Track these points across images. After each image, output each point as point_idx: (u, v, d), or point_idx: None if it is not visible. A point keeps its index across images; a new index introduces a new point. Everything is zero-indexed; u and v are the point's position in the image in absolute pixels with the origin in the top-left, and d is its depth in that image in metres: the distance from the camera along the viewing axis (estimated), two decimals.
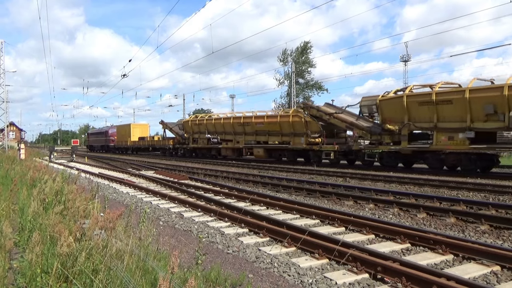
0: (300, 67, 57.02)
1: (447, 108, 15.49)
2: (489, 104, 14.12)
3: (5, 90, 37.11)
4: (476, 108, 14.60)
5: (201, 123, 31.88)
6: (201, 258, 3.73)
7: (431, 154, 16.71)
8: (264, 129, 25.59)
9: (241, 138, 27.62)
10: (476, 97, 14.56)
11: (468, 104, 14.77)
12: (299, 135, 23.04)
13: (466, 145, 15.00)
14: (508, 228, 6.83)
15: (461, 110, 15.08)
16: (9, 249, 3.63)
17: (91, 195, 6.89)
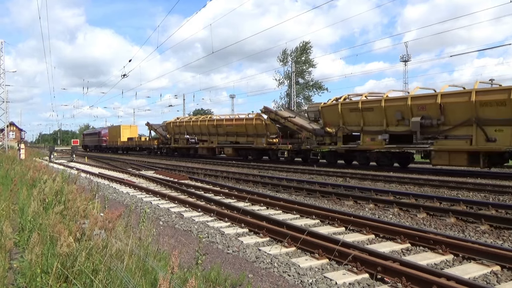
0: (300, 67, 57.03)
1: (370, 114, 18.59)
2: (398, 111, 17.19)
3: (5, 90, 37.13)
4: (390, 115, 17.62)
5: (181, 125, 35.30)
6: (201, 258, 3.73)
7: (359, 153, 19.97)
8: (233, 130, 28.87)
9: (215, 139, 31.00)
10: (390, 106, 17.64)
11: (384, 112, 17.83)
12: (261, 136, 26.29)
13: (383, 145, 18.09)
14: (508, 228, 6.83)
15: (380, 116, 18.09)
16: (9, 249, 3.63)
17: (91, 195, 6.89)
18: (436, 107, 15.80)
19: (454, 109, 15.37)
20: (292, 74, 48.42)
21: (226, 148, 29.93)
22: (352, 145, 19.84)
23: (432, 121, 15.99)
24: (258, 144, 26.58)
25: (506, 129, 13.95)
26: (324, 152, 22.26)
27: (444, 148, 15.90)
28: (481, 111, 14.54)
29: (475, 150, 14.96)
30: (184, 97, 62.77)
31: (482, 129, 14.63)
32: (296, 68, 53.73)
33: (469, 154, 15.22)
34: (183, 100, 62.34)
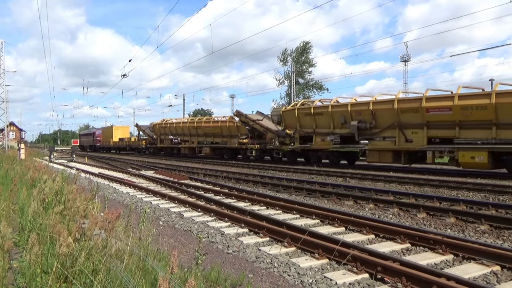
0: (300, 67, 57.02)
1: (321, 118, 21.27)
2: (342, 116, 19.93)
3: (5, 90, 37.17)
4: (336, 119, 20.34)
5: (166, 126, 38.29)
6: (201, 258, 3.73)
7: (312, 152, 22.55)
8: (211, 132, 31.87)
9: (195, 139, 34.17)
10: (335, 111, 20.40)
11: (331, 116, 20.56)
12: (234, 137, 29.16)
13: (330, 145, 20.72)
14: (508, 228, 6.83)
15: (328, 120, 20.81)
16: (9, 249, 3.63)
17: (91, 195, 6.89)
18: (369, 113, 18.62)
19: (382, 115, 18.23)
20: (292, 74, 48.41)
21: (204, 147, 32.81)
22: (306, 145, 22.48)
23: (366, 125, 18.74)
24: (231, 144, 29.38)
25: (420, 132, 16.84)
26: (285, 151, 24.80)
27: (375, 148, 18.66)
28: (402, 117, 17.41)
29: (397, 149, 17.77)
30: (184, 97, 62.88)
31: (402, 132, 17.53)
32: (296, 68, 53.72)
33: (393, 153, 17.90)
34: (183, 100, 62.41)
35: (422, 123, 16.65)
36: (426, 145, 16.63)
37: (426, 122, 16.53)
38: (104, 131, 57.71)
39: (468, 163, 15.31)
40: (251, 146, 27.45)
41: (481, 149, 14.86)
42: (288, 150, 24.14)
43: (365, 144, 19.04)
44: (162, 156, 38.52)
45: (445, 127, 16.04)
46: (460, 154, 15.40)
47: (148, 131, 43.65)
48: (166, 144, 38.77)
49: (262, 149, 26.89)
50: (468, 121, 15.28)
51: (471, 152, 15.10)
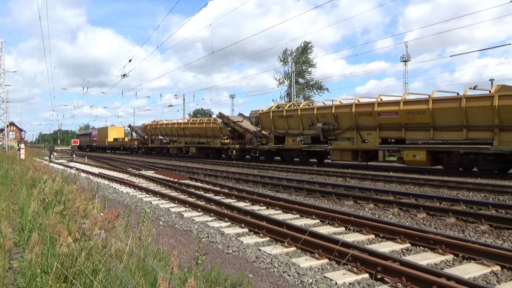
0: (300, 67, 57.01)
1: (292, 120, 23.21)
2: (309, 118, 21.87)
3: (5, 90, 37.13)
4: (305, 121, 22.26)
5: (156, 127, 40.55)
6: (201, 258, 3.73)
7: (285, 151, 24.70)
8: (197, 132, 33.94)
9: (183, 139, 36.31)
10: (304, 114, 22.47)
11: (300, 119, 22.50)
12: (217, 137, 31.15)
13: (300, 145, 22.65)
14: (508, 228, 6.83)
15: (298, 122, 22.76)
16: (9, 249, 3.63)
17: (91, 195, 6.89)
18: (332, 116, 20.66)
19: (343, 118, 20.26)
20: (292, 74, 48.41)
21: (191, 147, 34.90)
22: (280, 145, 24.48)
23: (330, 127, 20.75)
24: (214, 144, 31.51)
25: (374, 133, 18.85)
26: (261, 151, 26.71)
27: (338, 147, 20.70)
28: (359, 120, 19.45)
29: (355, 148, 19.81)
30: (184, 97, 62.87)
31: (359, 133, 19.55)
32: (296, 68, 53.72)
33: (352, 152, 20.00)
34: (183, 100, 62.40)
35: (375, 125, 18.71)
36: (378, 145, 18.71)
37: (378, 125, 18.59)
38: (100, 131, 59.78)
39: (411, 161, 17.22)
40: (232, 146, 29.43)
41: (421, 148, 16.98)
42: (264, 149, 26.16)
43: (329, 144, 21.05)
44: (162, 156, 38.57)
45: (394, 128, 18.13)
46: (404, 153, 17.41)
47: (140, 132, 45.65)
48: (156, 144, 41.15)
49: (242, 148, 28.88)
50: (412, 124, 17.33)
51: (413, 151, 17.13)
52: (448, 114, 15.93)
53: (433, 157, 16.74)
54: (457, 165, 16.42)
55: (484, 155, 15.24)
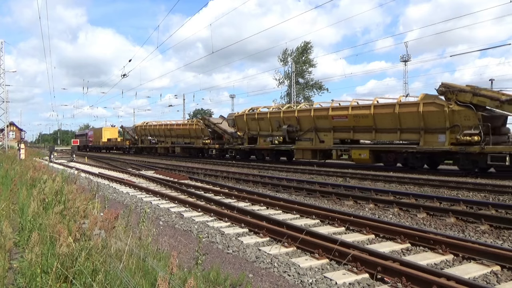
0: (301, 67, 57.01)
1: (263, 122, 25.49)
2: (277, 121, 24.20)
3: (5, 90, 37.12)
4: (273, 123, 24.64)
5: (145, 128, 43.22)
6: (201, 258, 3.73)
7: (257, 151, 27.22)
8: (181, 133, 36.55)
9: (169, 140, 38.95)
10: (272, 117, 24.70)
11: (269, 121, 24.83)
12: (199, 138, 33.77)
13: (269, 145, 24.97)
14: (508, 228, 6.83)
15: (268, 125, 25.05)
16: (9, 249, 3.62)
17: (91, 195, 6.89)
18: (295, 119, 23.00)
19: (304, 121, 22.63)
20: (292, 74, 48.41)
21: (176, 147, 37.35)
22: (252, 145, 26.81)
23: (293, 128, 23.03)
24: (197, 144, 34.03)
25: (329, 135, 21.26)
26: (237, 150, 28.79)
27: (300, 147, 22.91)
28: (317, 123, 21.83)
29: (314, 148, 22.16)
30: (184, 97, 62.82)
31: (317, 135, 21.90)
32: (296, 68, 53.72)
33: (311, 151, 22.33)
34: (183, 100, 62.35)
35: (330, 128, 21.11)
36: (332, 145, 21.07)
37: (332, 127, 20.99)
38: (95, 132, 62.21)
39: (358, 158, 19.54)
40: (212, 146, 31.71)
41: (365, 148, 19.47)
42: (239, 149, 28.38)
43: (293, 144, 23.36)
44: (161, 156, 38.69)
45: (345, 130, 20.50)
46: (352, 152, 19.79)
47: (131, 133, 47.88)
48: (146, 144, 43.83)
49: (221, 148, 31.06)
50: (359, 126, 19.75)
51: (359, 150, 19.53)
52: (386, 119, 18.39)
53: (375, 155, 19.12)
54: (393, 162, 18.79)
55: (414, 153, 17.59)
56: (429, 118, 16.77)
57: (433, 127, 16.72)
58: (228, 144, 29.67)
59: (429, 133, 16.90)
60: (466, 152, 15.56)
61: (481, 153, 15.07)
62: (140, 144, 45.09)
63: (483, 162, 15.21)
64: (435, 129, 16.67)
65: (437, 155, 17.38)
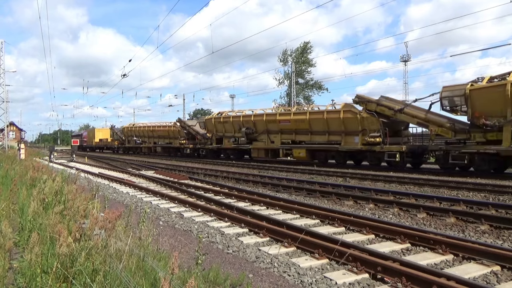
0: (300, 67, 57.01)
1: (227, 125, 28.97)
2: (238, 124, 27.70)
3: (5, 90, 37.13)
4: (235, 126, 28.07)
5: (132, 129, 46.96)
6: (201, 258, 3.73)
7: (223, 150, 30.67)
8: (162, 134, 40.45)
9: (152, 140, 42.93)
10: (234, 120, 28.37)
11: (232, 124, 28.38)
12: (176, 138, 37.27)
13: (232, 145, 28.64)
14: (508, 228, 6.83)
15: (231, 127, 28.61)
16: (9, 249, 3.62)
17: (91, 195, 6.88)
18: (252, 123, 26.65)
19: (258, 124, 26.18)
20: (292, 74, 48.40)
21: (157, 147, 41.48)
22: (219, 145, 30.26)
23: (251, 131, 26.40)
24: (174, 144, 37.72)
25: (277, 136, 24.93)
26: (207, 149, 32.27)
27: (255, 147, 26.45)
28: (268, 126, 25.36)
29: (266, 148, 25.75)
30: (184, 97, 62.84)
31: (269, 136, 25.58)
32: (296, 68, 53.71)
33: (265, 150, 25.88)
34: (183, 100, 62.35)
35: (278, 130, 24.74)
36: (280, 145, 24.67)
37: (280, 130, 24.60)
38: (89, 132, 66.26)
39: (298, 156, 23.19)
40: (187, 145, 35.21)
41: (302, 148, 23.04)
42: (209, 148, 31.93)
43: (250, 144, 26.78)
44: (162, 156, 38.78)
45: (289, 133, 24.09)
46: (293, 151, 23.45)
47: (119, 133, 51.03)
48: (132, 144, 47.54)
49: (194, 148, 34.44)
50: (299, 130, 23.30)
51: (298, 149, 23.17)
52: (318, 123, 22.04)
53: (311, 153, 22.82)
54: (324, 159, 22.34)
55: (337, 152, 21.30)
56: (348, 123, 20.49)
57: (350, 130, 20.42)
58: (200, 144, 33.32)
59: (348, 135, 20.62)
60: (372, 151, 19.29)
61: (381, 151, 18.70)
62: (127, 144, 48.63)
63: (383, 158, 18.92)
64: (352, 132, 20.36)
65: (354, 153, 21.01)
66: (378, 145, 18.84)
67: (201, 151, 33.46)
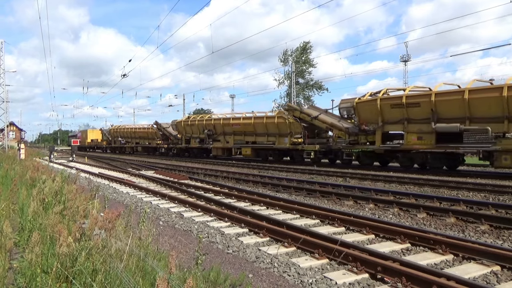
0: (300, 67, 56.99)
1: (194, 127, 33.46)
2: (202, 127, 32.22)
3: (5, 90, 37.14)
4: (200, 128, 32.45)
5: (117, 131, 52.01)
6: (201, 258, 3.73)
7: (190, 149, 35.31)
8: (142, 135, 45.98)
9: (134, 141, 48.13)
10: (199, 124, 32.70)
11: (197, 127, 32.91)
12: (153, 139, 42.88)
13: (197, 145, 33.33)
14: (508, 228, 6.83)
15: (196, 129, 33.20)
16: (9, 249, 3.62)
17: (91, 195, 6.88)
18: (212, 125, 31.12)
19: (217, 127, 30.60)
20: (292, 74, 48.41)
21: (138, 147, 46.89)
22: (187, 145, 34.88)
23: (212, 132, 30.98)
24: (152, 144, 43.23)
25: (232, 137, 29.29)
26: (177, 149, 37.17)
27: (215, 146, 31.07)
28: (225, 128, 29.87)
29: (223, 147, 30.45)
30: (184, 97, 62.88)
31: (225, 137, 30.12)
32: (296, 68, 53.71)
33: (222, 149, 30.51)
34: (183, 100, 62.37)
35: (232, 132, 29.25)
36: (233, 145, 29.23)
37: (233, 132, 29.15)
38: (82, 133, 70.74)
39: (245, 154, 28.10)
40: (162, 145, 40.29)
41: (249, 147, 27.67)
42: (178, 147, 36.64)
43: (210, 144, 31.39)
44: (162, 156, 38.91)
45: (239, 134, 28.63)
46: (242, 149, 28.32)
47: (107, 134, 55.60)
48: (117, 145, 52.10)
49: (168, 147, 39.33)
50: (247, 132, 27.93)
51: (245, 148, 27.88)
52: (260, 127, 26.82)
53: (255, 152, 27.48)
54: (265, 156, 26.82)
55: (274, 150, 26.07)
56: (280, 127, 25.25)
57: (282, 133, 25.09)
58: (172, 144, 38.21)
59: (280, 137, 25.29)
60: (296, 149, 24.11)
61: (302, 150, 23.46)
62: (113, 144, 53.28)
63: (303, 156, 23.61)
64: (283, 134, 25.01)
65: (285, 151, 25.72)
66: (299, 145, 23.72)
67: (173, 150, 38.48)
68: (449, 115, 15.68)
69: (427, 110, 16.36)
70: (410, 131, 17.37)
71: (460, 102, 15.33)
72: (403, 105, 17.29)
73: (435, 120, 16.09)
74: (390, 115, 18.14)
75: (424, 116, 16.59)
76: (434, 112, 16.08)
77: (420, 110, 16.68)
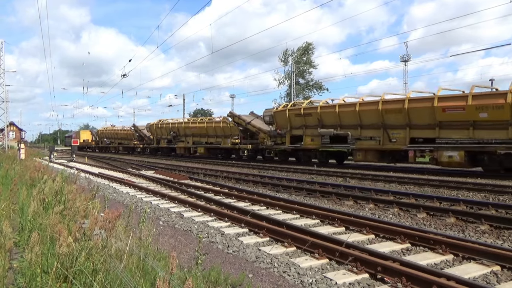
0: (301, 67, 56.98)
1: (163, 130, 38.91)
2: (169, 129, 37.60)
3: (5, 90, 37.13)
4: (167, 131, 37.65)
5: (103, 132, 58.38)
6: (201, 258, 3.73)
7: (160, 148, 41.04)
8: (122, 136, 51.92)
9: (116, 141, 53.78)
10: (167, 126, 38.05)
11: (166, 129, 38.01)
12: (132, 140, 48.53)
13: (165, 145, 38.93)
14: (508, 228, 6.83)
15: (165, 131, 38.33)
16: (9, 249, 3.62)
17: (91, 195, 6.89)
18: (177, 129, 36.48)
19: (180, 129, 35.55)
20: (292, 74, 48.40)
21: (120, 146, 52.51)
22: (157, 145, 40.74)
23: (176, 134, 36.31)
24: (130, 144, 49.23)
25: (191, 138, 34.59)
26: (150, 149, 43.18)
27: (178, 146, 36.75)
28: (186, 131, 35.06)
29: (184, 146, 35.84)
30: (184, 97, 62.93)
31: (186, 138, 35.22)
32: (297, 68, 53.70)
33: (184, 148, 36.00)
34: (183, 100, 62.39)
35: (191, 134, 34.52)
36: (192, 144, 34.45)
37: (192, 134, 34.32)
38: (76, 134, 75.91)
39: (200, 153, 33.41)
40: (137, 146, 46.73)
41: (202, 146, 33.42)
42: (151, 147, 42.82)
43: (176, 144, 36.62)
44: (162, 156, 38.94)
45: (197, 136, 34.22)
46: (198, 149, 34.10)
47: (95, 135, 62.08)
48: (103, 145, 57.94)
49: (143, 147, 45.42)
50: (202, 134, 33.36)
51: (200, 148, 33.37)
52: (211, 129, 32.17)
53: (208, 151, 32.98)
54: (215, 155, 32.08)
55: (221, 149, 31.51)
56: (224, 130, 30.68)
57: (226, 135, 30.52)
58: (146, 144, 44.16)
59: (225, 138, 30.69)
60: (237, 148, 29.40)
61: (239, 148, 29.09)
62: (100, 144, 59.12)
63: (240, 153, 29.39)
64: (227, 136, 30.43)
65: (228, 150, 30.88)
66: (237, 145, 29.27)
67: (146, 149, 44.74)
68: (328, 123, 21.17)
69: (316, 119, 21.78)
70: (307, 134, 22.62)
71: (334, 114, 20.76)
72: (302, 115, 22.61)
73: (320, 126, 21.45)
74: (295, 122, 23.37)
75: (314, 123, 21.92)
76: (320, 120, 21.49)
77: (312, 118, 22.08)
